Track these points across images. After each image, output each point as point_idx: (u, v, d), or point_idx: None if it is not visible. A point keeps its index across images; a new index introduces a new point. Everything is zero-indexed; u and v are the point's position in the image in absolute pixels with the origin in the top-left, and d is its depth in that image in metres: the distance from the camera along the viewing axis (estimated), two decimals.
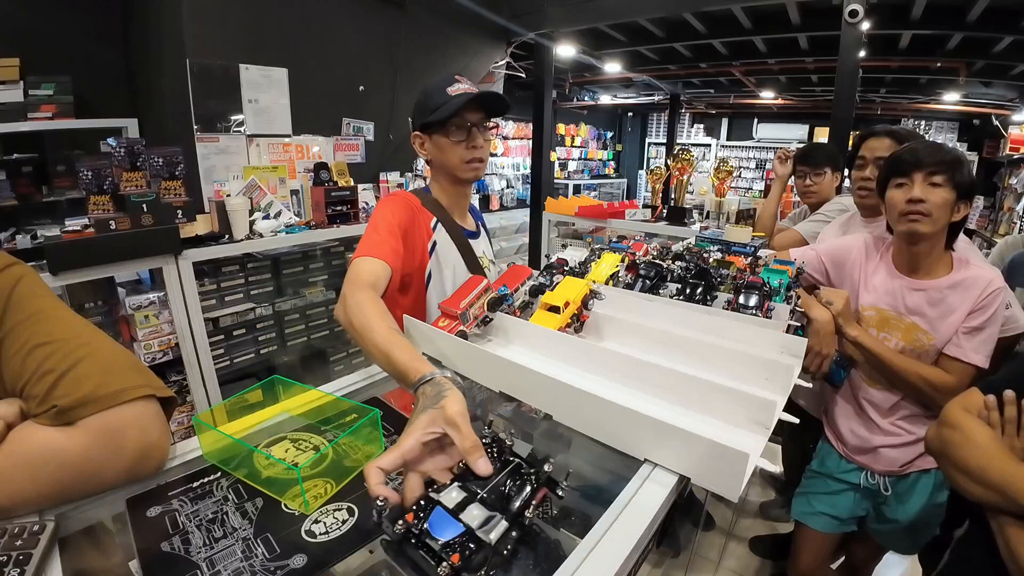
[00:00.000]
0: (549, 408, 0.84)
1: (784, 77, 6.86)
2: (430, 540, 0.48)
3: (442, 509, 0.51)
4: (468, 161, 1.28)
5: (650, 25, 4.88)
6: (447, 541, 0.47)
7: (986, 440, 0.89)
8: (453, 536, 0.48)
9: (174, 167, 2.07)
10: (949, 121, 8.21)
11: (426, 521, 0.50)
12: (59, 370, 0.65)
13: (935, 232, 1.26)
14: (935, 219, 1.23)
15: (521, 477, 0.56)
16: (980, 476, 0.87)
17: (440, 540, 0.47)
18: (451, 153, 1.27)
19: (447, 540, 0.47)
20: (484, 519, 0.50)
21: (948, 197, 1.22)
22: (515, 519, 0.52)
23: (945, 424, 0.97)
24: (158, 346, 2.10)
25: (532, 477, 0.56)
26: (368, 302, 0.95)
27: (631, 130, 11.92)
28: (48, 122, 2.78)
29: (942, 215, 1.23)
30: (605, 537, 0.61)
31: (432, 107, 1.23)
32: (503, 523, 0.50)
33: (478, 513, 0.51)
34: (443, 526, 0.49)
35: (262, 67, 2.89)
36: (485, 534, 0.48)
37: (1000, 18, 3.81)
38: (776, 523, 2.39)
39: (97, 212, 1.85)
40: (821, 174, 2.24)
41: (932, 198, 1.22)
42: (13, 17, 2.73)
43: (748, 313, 1.10)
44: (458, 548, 0.47)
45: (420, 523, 0.49)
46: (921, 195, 1.22)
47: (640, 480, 0.71)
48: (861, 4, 2.97)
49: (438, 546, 0.47)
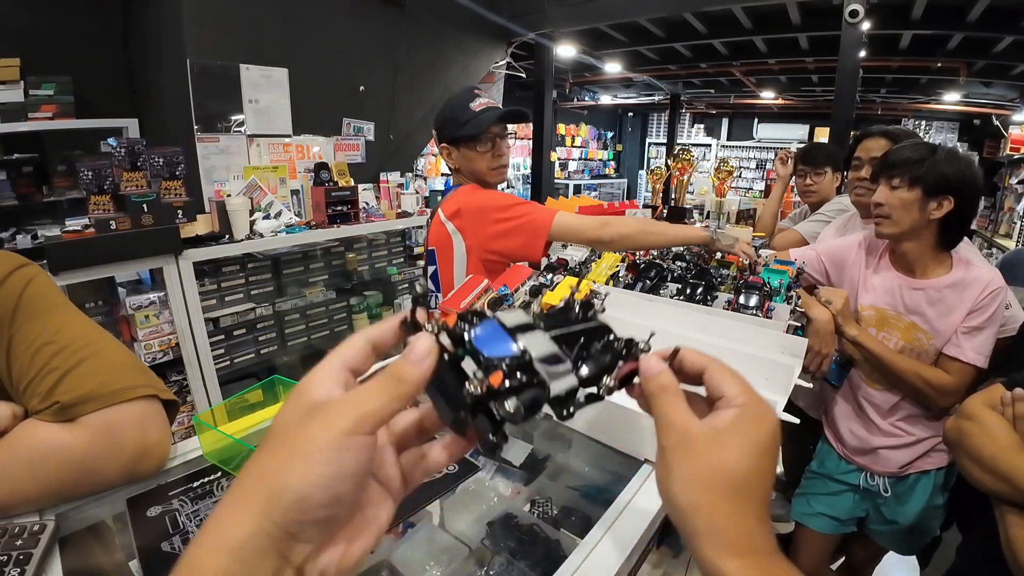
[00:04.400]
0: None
1: (784, 77, 6.86)
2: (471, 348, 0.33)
3: (497, 324, 0.35)
4: (495, 168, 1.45)
5: (650, 25, 4.88)
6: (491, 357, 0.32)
7: (1001, 431, 0.91)
8: (502, 355, 0.33)
9: (174, 167, 2.07)
10: (949, 121, 8.21)
11: (473, 329, 0.34)
12: (63, 368, 0.65)
13: (900, 232, 1.28)
14: (896, 220, 1.26)
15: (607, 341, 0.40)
16: (991, 466, 0.89)
17: (484, 353, 0.33)
18: (479, 162, 1.43)
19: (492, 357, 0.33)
20: (550, 355, 0.35)
21: (908, 197, 1.24)
22: (587, 383, 0.36)
23: (964, 415, 1.00)
24: (158, 346, 2.10)
25: (623, 345, 0.40)
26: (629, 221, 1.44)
27: (631, 130, 11.92)
28: (48, 122, 2.79)
29: (903, 215, 1.25)
30: (605, 537, 0.61)
31: (460, 123, 1.37)
32: (572, 378, 0.35)
33: (544, 345, 0.35)
34: (492, 342, 0.34)
35: (262, 67, 2.89)
36: (548, 374, 0.33)
37: (1000, 18, 3.81)
38: (776, 523, 2.39)
39: (97, 212, 1.85)
40: (821, 173, 2.25)
41: (890, 200, 1.26)
42: (13, 17, 2.73)
43: (748, 313, 1.10)
44: (504, 370, 0.32)
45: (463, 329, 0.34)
46: (879, 198, 1.28)
47: (640, 480, 0.71)
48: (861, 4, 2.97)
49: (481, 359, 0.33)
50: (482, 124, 1.36)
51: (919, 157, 1.23)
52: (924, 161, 1.22)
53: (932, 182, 1.22)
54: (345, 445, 0.27)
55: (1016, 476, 0.85)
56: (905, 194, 1.23)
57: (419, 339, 0.31)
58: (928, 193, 1.22)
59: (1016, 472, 0.85)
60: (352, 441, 0.27)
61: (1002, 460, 0.88)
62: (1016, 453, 0.88)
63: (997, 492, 0.88)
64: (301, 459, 0.27)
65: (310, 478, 0.26)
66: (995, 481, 0.88)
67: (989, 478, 0.90)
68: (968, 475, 0.95)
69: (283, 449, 0.28)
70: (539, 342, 0.35)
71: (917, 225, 1.26)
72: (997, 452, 0.89)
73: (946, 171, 1.21)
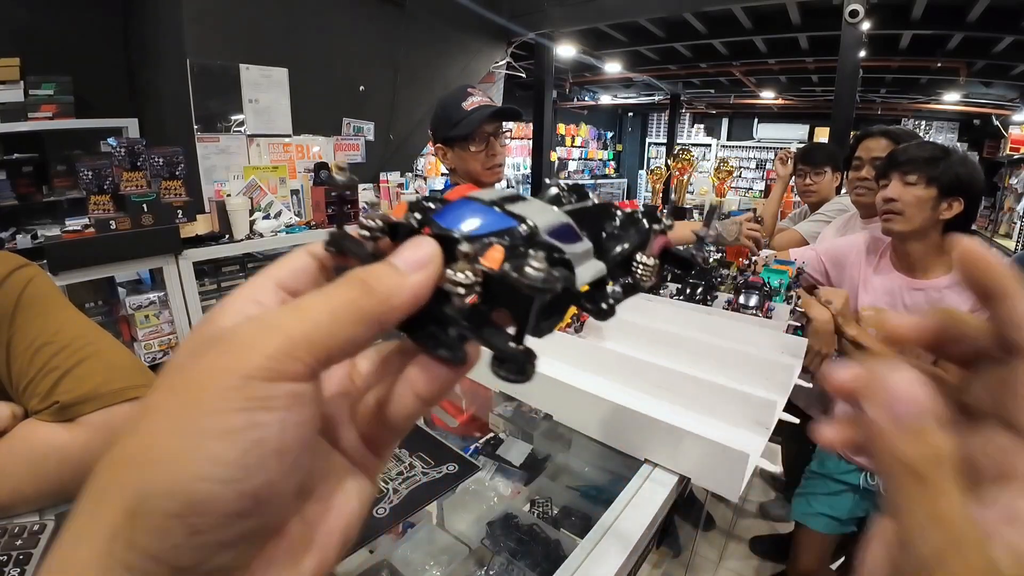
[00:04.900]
0: (549, 408, 0.84)
1: (784, 77, 6.86)
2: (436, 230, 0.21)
3: (472, 201, 0.23)
4: (489, 167, 1.43)
5: (650, 25, 4.88)
6: (479, 235, 0.21)
7: None
8: (491, 230, 0.21)
9: (174, 167, 2.07)
10: (949, 121, 8.21)
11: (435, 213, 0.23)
12: (63, 368, 0.65)
13: (912, 230, 1.26)
14: (908, 217, 1.24)
15: (624, 216, 0.28)
16: None
17: (464, 232, 0.21)
18: (473, 162, 1.41)
19: (480, 234, 0.21)
20: (561, 226, 0.23)
21: (923, 195, 1.23)
22: (616, 264, 0.25)
23: None
24: (158, 346, 2.10)
25: (640, 216, 0.28)
26: None
27: (631, 130, 11.92)
28: (48, 122, 2.79)
29: (916, 213, 1.24)
30: (605, 537, 0.61)
31: (452, 122, 1.36)
32: (596, 262, 0.24)
33: (549, 214, 0.23)
34: (473, 220, 0.22)
35: (262, 67, 2.89)
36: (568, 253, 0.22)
37: (1000, 18, 3.81)
38: (776, 523, 2.39)
39: (97, 212, 1.85)
40: (821, 173, 2.25)
41: (904, 196, 1.23)
42: (13, 17, 2.73)
43: (748, 313, 1.10)
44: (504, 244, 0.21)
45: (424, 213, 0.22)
46: (892, 194, 1.25)
47: (640, 480, 0.71)
48: (861, 4, 2.97)
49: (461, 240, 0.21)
50: (473, 123, 1.35)
51: (936, 156, 1.23)
52: (940, 161, 1.22)
53: (947, 183, 1.22)
54: (259, 399, 0.15)
55: None
56: (921, 191, 1.22)
57: (416, 241, 0.20)
58: (942, 193, 1.22)
59: None
60: (272, 391, 0.16)
61: None
62: None
63: None
64: (179, 433, 0.15)
65: (195, 468, 0.15)
66: None
67: None
68: None
69: (155, 416, 0.16)
70: (541, 211, 0.23)
71: (927, 224, 1.25)
72: None
73: (960, 173, 1.22)
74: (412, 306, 0.19)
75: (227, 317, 0.19)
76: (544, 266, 0.18)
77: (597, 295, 0.24)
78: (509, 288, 0.18)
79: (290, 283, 0.21)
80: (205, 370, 0.16)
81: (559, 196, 0.28)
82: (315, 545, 0.19)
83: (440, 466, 0.78)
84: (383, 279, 0.18)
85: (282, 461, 0.16)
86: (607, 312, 0.24)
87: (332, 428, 0.21)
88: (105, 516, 0.15)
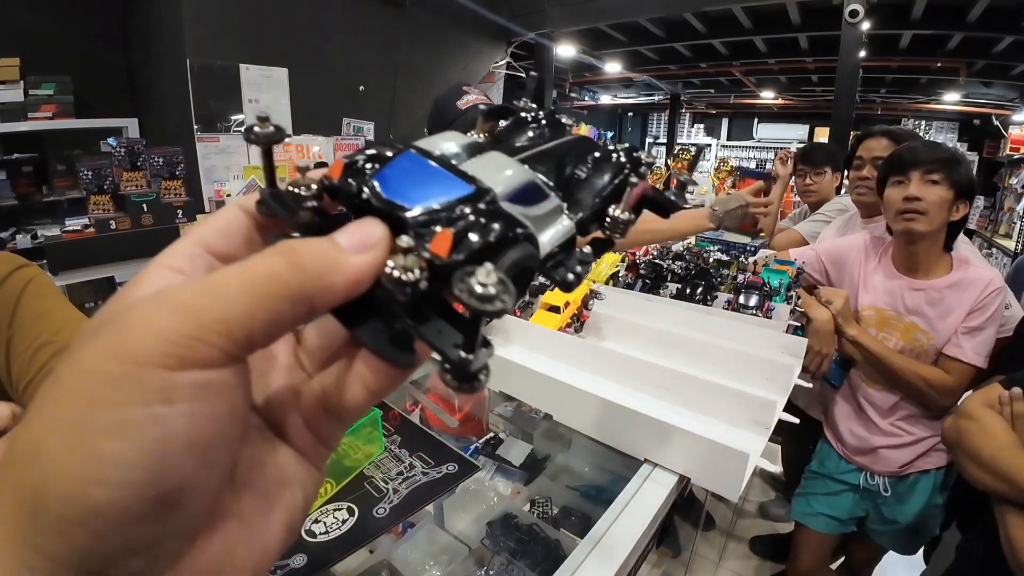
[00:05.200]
0: (549, 408, 0.84)
1: (784, 77, 6.86)
2: (379, 203, 0.18)
3: (417, 155, 0.20)
4: None
5: (650, 25, 4.89)
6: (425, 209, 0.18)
7: (1000, 431, 0.92)
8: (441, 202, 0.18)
9: (174, 167, 2.08)
10: (949, 121, 8.21)
11: (376, 174, 0.19)
12: None
13: (932, 231, 1.25)
14: (931, 217, 1.22)
15: (599, 155, 0.23)
16: (991, 465, 0.90)
17: (406, 205, 0.18)
18: None
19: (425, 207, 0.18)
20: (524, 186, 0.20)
21: (945, 195, 1.22)
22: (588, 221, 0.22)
23: (963, 415, 1.00)
24: None
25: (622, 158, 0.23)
26: None
27: (631, 130, 11.92)
28: (48, 122, 2.79)
29: (939, 213, 1.23)
30: (605, 537, 0.61)
31: (447, 120, 1.34)
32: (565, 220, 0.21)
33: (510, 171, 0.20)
34: (420, 184, 0.19)
35: (262, 67, 2.89)
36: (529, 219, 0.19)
37: (1000, 18, 3.81)
38: (776, 523, 2.39)
39: (97, 212, 1.85)
40: (821, 173, 2.25)
41: (929, 196, 1.22)
42: (13, 17, 2.73)
43: (748, 313, 1.11)
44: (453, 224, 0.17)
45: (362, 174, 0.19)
46: (917, 193, 1.22)
47: (640, 480, 0.71)
48: (861, 4, 2.97)
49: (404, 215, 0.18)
50: (466, 122, 1.33)
51: (956, 157, 1.23)
52: (959, 162, 1.23)
53: (965, 185, 1.23)
54: (158, 390, 0.13)
55: (1015, 475, 0.85)
56: (944, 192, 1.21)
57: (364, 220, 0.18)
58: (958, 195, 1.23)
59: (1015, 471, 0.86)
60: (175, 381, 0.13)
61: (1001, 459, 0.88)
62: (1015, 452, 0.88)
63: (996, 491, 0.89)
64: (66, 429, 0.13)
65: (88, 470, 0.13)
66: (994, 480, 0.89)
67: (988, 477, 0.90)
68: (967, 474, 0.96)
69: (44, 407, 0.14)
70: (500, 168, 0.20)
71: (942, 225, 1.26)
72: (996, 451, 0.90)
73: (971, 176, 1.24)
74: (351, 292, 0.17)
75: (142, 288, 0.17)
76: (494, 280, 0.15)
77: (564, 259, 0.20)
78: None
79: (218, 245, 0.19)
80: (95, 355, 0.14)
81: (528, 132, 0.24)
82: (253, 541, 0.17)
83: (440, 466, 0.78)
84: (319, 255, 0.16)
85: (196, 459, 0.14)
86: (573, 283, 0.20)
87: (273, 413, 0.19)
88: (6, 514, 0.13)
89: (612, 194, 0.22)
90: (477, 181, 0.19)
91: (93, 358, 0.14)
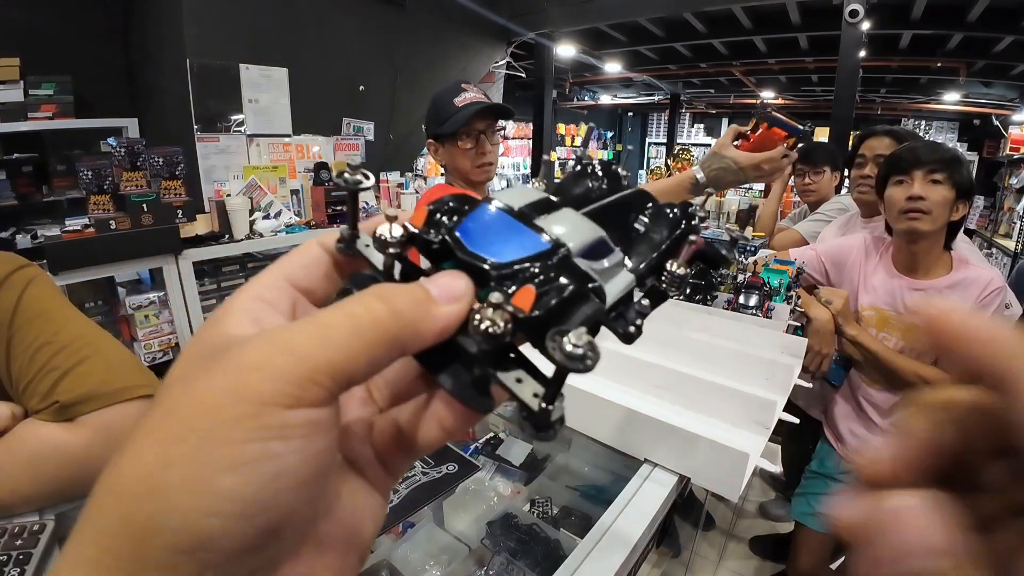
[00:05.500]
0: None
1: (784, 77, 6.86)
2: (464, 255, 0.19)
3: (499, 210, 0.21)
4: (479, 165, 1.40)
5: (650, 25, 4.89)
6: (507, 263, 0.19)
7: None
8: (520, 256, 0.19)
9: (174, 167, 2.07)
10: (949, 121, 8.20)
11: (459, 226, 0.20)
12: (63, 368, 0.65)
13: (935, 230, 1.26)
14: (934, 217, 1.23)
15: (655, 210, 0.25)
16: None
17: (490, 259, 0.19)
18: (463, 159, 1.38)
19: (507, 261, 0.19)
20: (594, 243, 0.21)
21: (948, 195, 1.22)
22: (646, 275, 0.23)
23: None
24: (158, 346, 2.10)
25: (678, 214, 0.24)
26: None
27: (631, 130, 11.92)
28: (48, 122, 2.79)
29: (942, 213, 1.23)
30: (605, 537, 0.61)
31: (442, 118, 1.34)
32: (627, 273, 0.22)
33: (581, 228, 0.21)
34: (501, 239, 0.20)
35: (262, 67, 2.89)
36: (598, 272, 0.20)
37: (1000, 18, 3.81)
38: (776, 523, 2.39)
39: (97, 212, 1.85)
40: (820, 173, 2.25)
41: (932, 195, 1.22)
42: (13, 17, 2.73)
43: (748, 313, 1.11)
44: (531, 280, 0.19)
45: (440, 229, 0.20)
46: (921, 192, 1.22)
47: (640, 480, 0.71)
48: (861, 4, 2.97)
49: (487, 267, 0.19)
50: (461, 120, 1.32)
51: (957, 157, 1.24)
52: (961, 163, 1.23)
53: (966, 185, 1.23)
54: (276, 428, 0.14)
55: None
56: (947, 192, 1.22)
57: (453, 273, 0.19)
58: (959, 195, 1.23)
59: None
60: (290, 419, 0.15)
61: None
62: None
63: None
64: (185, 464, 0.14)
65: (206, 504, 0.14)
66: None
67: None
68: None
69: (156, 439, 0.15)
70: (573, 224, 0.21)
71: (943, 225, 1.26)
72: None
73: (971, 177, 1.25)
74: (437, 339, 0.18)
75: (233, 320, 0.18)
76: (584, 341, 0.16)
77: (624, 311, 0.22)
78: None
79: (301, 280, 0.20)
80: (212, 392, 0.15)
81: (589, 184, 0.26)
82: (330, 569, 0.18)
83: (440, 466, 0.78)
84: (415, 304, 0.17)
85: (301, 493, 0.15)
86: (634, 336, 0.21)
87: (348, 445, 0.20)
88: (107, 544, 0.14)
89: (670, 249, 0.24)
90: (553, 237, 0.20)
91: (214, 395, 0.15)
